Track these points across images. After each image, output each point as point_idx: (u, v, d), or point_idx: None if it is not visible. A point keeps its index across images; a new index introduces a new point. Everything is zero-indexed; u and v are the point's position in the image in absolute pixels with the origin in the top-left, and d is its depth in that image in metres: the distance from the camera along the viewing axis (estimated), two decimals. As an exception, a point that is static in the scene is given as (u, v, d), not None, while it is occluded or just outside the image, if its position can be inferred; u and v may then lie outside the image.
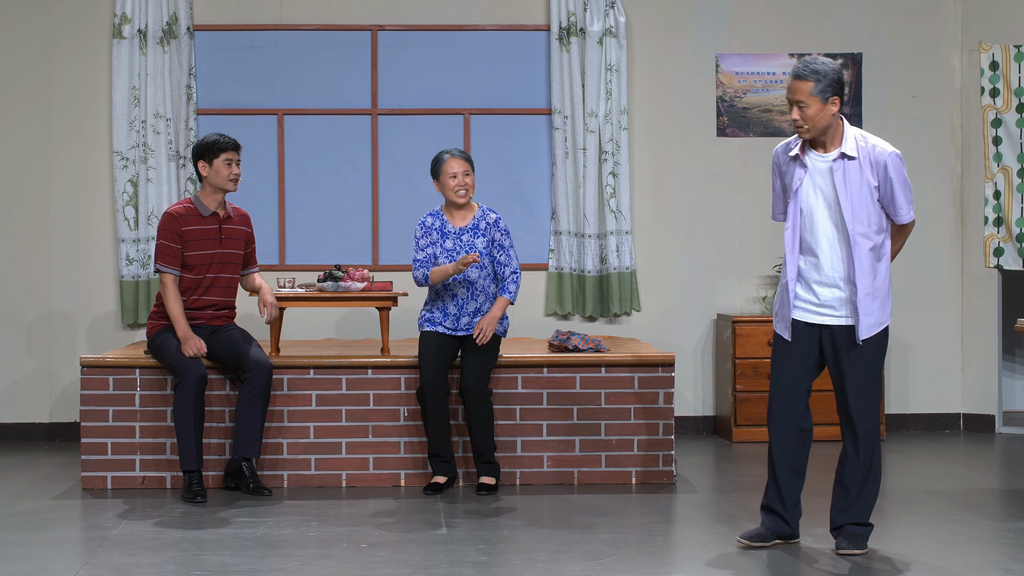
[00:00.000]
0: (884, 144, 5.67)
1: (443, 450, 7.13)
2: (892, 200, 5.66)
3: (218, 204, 7.21)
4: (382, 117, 9.08)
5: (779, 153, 5.82)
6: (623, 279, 8.98)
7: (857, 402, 5.68)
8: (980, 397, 9.17)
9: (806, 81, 5.57)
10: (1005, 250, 8.99)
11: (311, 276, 8.62)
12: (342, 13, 9.08)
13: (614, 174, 8.97)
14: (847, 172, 5.63)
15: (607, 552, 5.76)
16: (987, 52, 9.01)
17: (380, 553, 5.78)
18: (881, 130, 9.19)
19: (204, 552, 5.79)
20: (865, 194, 5.62)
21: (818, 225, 5.67)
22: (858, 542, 5.70)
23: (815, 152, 5.69)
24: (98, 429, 7.25)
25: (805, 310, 5.73)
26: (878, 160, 5.62)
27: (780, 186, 5.81)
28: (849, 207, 5.61)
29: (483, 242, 7.18)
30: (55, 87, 8.94)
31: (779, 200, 5.84)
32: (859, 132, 5.70)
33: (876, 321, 5.68)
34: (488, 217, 7.21)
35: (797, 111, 5.60)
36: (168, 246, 7.10)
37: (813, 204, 5.67)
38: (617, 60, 8.96)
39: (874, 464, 5.72)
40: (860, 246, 5.62)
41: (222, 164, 7.14)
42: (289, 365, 7.30)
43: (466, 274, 7.15)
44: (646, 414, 7.38)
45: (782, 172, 5.79)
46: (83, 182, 8.96)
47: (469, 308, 7.20)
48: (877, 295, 5.67)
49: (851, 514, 5.73)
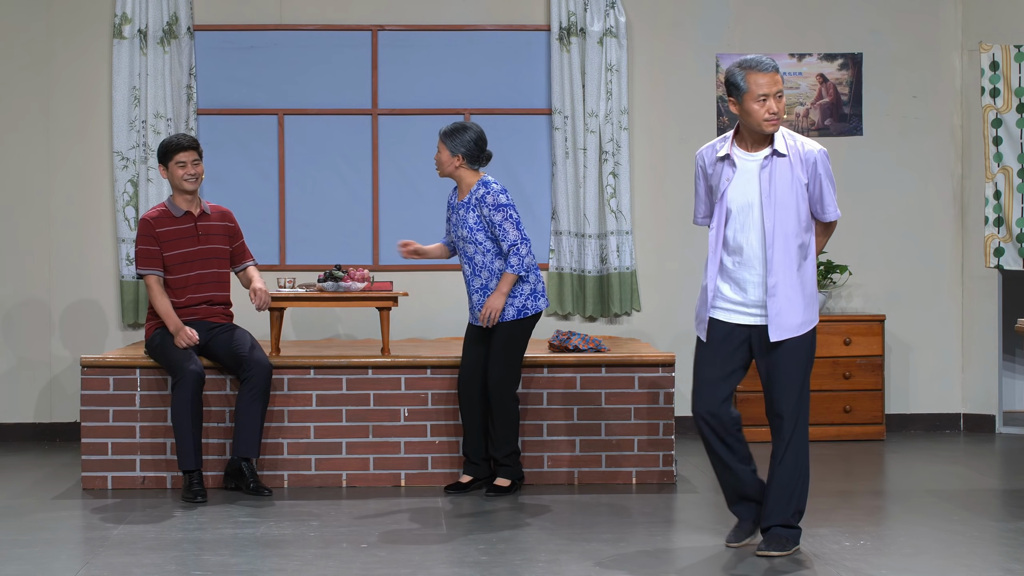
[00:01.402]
0: (811, 142, 5.68)
1: (469, 449, 7.09)
2: (820, 197, 5.65)
3: (189, 202, 7.27)
4: (382, 117, 9.08)
5: (704, 155, 5.75)
6: (623, 279, 8.98)
7: (787, 403, 5.63)
8: (980, 397, 9.17)
9: (779, 74, 5.60)
10: (1005, 250, 8.99)
11: (311, 276, 8.62)
12: (342, 13, 9.08)
13: (614, 174, 8.97)
14: (779, 170, 5.60)
15: (607, 552, 5.76)
16: (987, 52, 9.01)
17: (380, 553, 5.78)
18: (881, 130, 9.20)
19: (204, 552, 5.79)
20: (795, 192, 5.59)
21: (748, 224, 5.62)
22: (783, 544, 5.65)
23: (744, 152, 5.66)
24: (98, 429, 7.25)
25: (732, 311, 5.67)
26: (807, 157, 5.62)
27: (704, 188, 5.75)
28: (778, 205, 5.57)
29: (473, 217, 7.01)
30: (55, 87, 8.95)
31: (702, 203, 5.78)
32: (786, 131, 5.69)
33: (805, 320, 5.64)
34: (478, 192, 7.04)
35: (776, 102, 5.57)
36: (145, 249, 7.18)
37: (742, 204, 5.62)
38: (617, 60, 8.96)
39: (801, 466, 5.67)
40: (790, 245, 5.59)
41: (176, 167, 7.21)
42: (289, 365, 7.30)
43: (463, 251, 7.07)
44: (646, 414, 7.38)
45: (707, 174, 5.73)
46: (83, 182, 8.96)
47: (475, 285, 7.06)
48: (805, 293, 5.64)
49: (776, 515, 5.69)
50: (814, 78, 9.17)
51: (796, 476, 5.67)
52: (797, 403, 5.64)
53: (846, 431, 8.75)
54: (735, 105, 5.63)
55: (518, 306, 7.00)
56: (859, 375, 8.77)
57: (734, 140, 5.70)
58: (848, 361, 8.77)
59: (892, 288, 9.21)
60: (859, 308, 9.20)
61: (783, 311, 5.59)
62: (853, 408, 8.75)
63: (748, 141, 5.67)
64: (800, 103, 9.17)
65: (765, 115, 5.58)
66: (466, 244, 7.04)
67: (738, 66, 5.62)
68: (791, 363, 5.63)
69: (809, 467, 5.72)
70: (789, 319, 5.60)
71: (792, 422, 5.64)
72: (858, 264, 9.16)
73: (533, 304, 7.02)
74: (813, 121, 9.18)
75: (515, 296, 7.00)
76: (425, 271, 8.98)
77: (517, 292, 7.01)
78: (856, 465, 8.00)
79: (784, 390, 5.63)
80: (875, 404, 8.77)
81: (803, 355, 5.66)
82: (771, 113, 5.57)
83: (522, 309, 7.00)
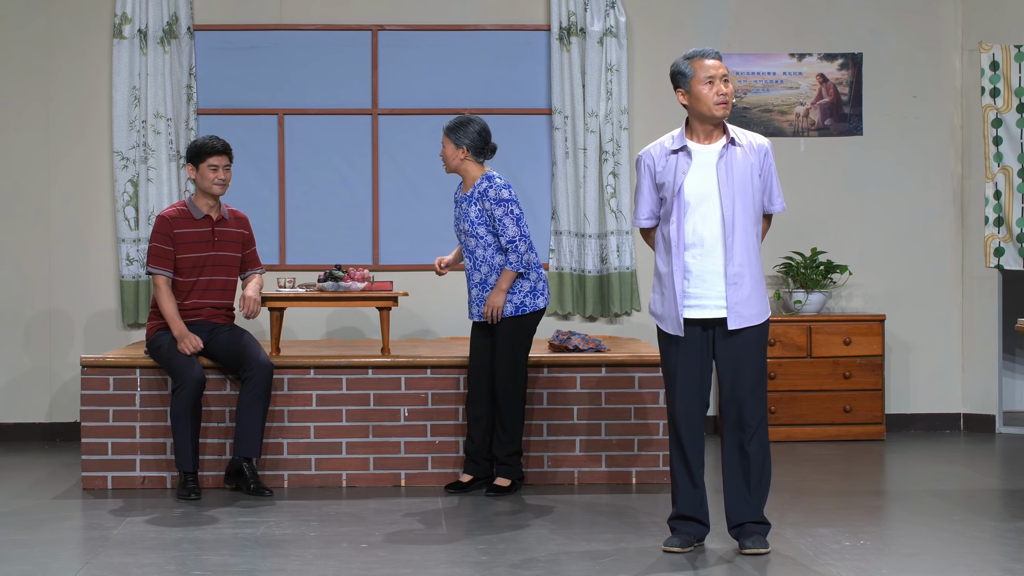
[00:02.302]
0: (755, 134, 5.72)
1: (472, 448, 7.08)
2: (770, 188, 5.69)
3: (210, 207, 7.23)
4: (382, 117, 9.08)
5: (651, 153, 5.72)
6: (623, 279, 8.98)
7: (753, 396, 5.63)
8: (980, 397, 9.17)
9: (722, 62, 5.62)
10: (1005, 250, 8.99)
11: (311, 276, 8.62)
12: (342, 13, 9.08)
13: (614, 174, 8.97)
14: (735, 159, 5.62)
15: (607, 552, 5.76)
16: (987, 52, 9.01)
17: (380, 553, 5.78)
18: (881, 130, 9.20)
19: (204, 552, 5.79)
20: (751, 181, 5.61)
21: (707, 216, 5.60)
22: (764, 541, 5.68)
23: (699, 144, 5.66)
24: (98, 429, 7.25)
25: (695, 307, 5.64)
26: (759, 148, 5.67)
27: (650, 187, 5.72)
28: (736, 195, 5.58)
29: (475, 211, 6.99)
30: (55, 87, 8.95)
31: (647, 203, 5.74)
32: (731, 125, 5.71)
33: (762, 310, 5.66)
34: (481, 186, 7.02)
35: (724, 85, 5.58)
36: (160, 248, 7.13)
37: (701, 195, 5.61)
38: (617, 60, 8.96)
39: (767, 460, 5.68)
40: (748, 235, 5.61)
41: (207, 169, 7.17)
42: (289, 365, 7.30)
43: (465, 244, 7.07)
44: (646, 414, 7.38)
45: (655, 172, 5.70)
46: (83, 182, 8.96)
47: (475, 279, 7.04)
48: (759, 283, 5.66)
49: (748, 512, 5.69)
50: (814, 78, 9.17)
51: (764, 471, 5.69)
52: (761, 395, 5.66)
53: (846, 431, 8.75)
54: (684, 95, 5.64)
55: (516, 303, 6.99)
56: (859, 375, 8.77)
57: (685, 134, 5.70)
58: (848, 361, 8.77)
59: (892, 288, 9.21)
60: (859, 308, 9.20)
61: (743, 300, 5.60)
62: (853, 408, 8.76)
63: (700, 133, 5.67)
64: (800, 103, 9.17)
65: (715, 97, 5.58)
66: (468, 238, 7.03)
67: (682, 57, 5.68)
68: (752, 352, 5.64)
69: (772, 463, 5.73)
70: (748, 308, 5.62)
71: (757, 416, 5.64)
72: (858, 264, 9.16)
73: (532, 302, 7.01)
74: (813, 121, 9.17)
75: (514, 293, 6.99)
76: (425, 271, 8.98)
77: (516, 289, 7.00)
78: (856, 465, 8.00)
79: (750, 382, 5.63)
80: (875, 404, 8.77)
81: (762, 345, 5.68)
82: (720, 95, 5.57)
83: (520, 306, 6.99)
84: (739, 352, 5.64)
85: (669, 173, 5.66)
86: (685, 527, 5.78)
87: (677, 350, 5.69)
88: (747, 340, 5.64)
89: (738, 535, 5.73)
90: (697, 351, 5.67)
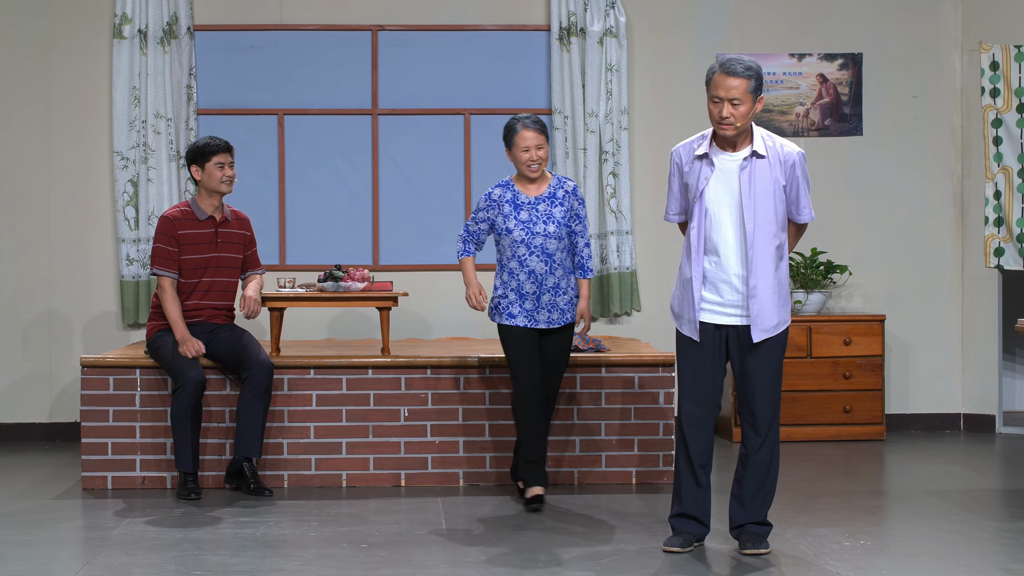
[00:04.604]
0: (790, 143, 5.68)
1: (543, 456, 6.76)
2: (797, 199, 5.67)
3: (214, 207, 7.22)
4: (382, 117, 9.08)
5: (681, 153, 5.72)
6: (623, 279, 8.98)
7: (763, 402, 5.65)
8: (980, 397, 9.17)
9: (742, 79, 5.51)
10: (1005, 250, 8.99)
11: (311, 276, 8.62)
12: (342, 13, 9.08)
13: (614, 174, 8.97)
14: (757, 171, 5.59)
15: (607, 552, 5.76)
16: (987, 52, 9.01)
17: (380, 553, 5.78)
18: (881, 130, 9.20)
19: (204, 552, 5.79)
20: (772, 193, 5.59)
21: (724, 225, 5.61)
22: (764, 542, 5.70)
23: (724, 152, 5.64)
24: (98, 429, 7.25)
25: (710, 311, 5.66)
26: (787, 159, 5.62)
27: (679, 186, 5.73)
28: (758, 206, 5.57)
29: (561, 211, 6.69)
30: (55, 87, 8.94)
31: (675, 200, 5.76)
32: (764, 132, 5.68)
33: (780, 320, 5.66)
34: (566, 185, 6.73)
35: (729, 108, 5.51)
36: (164, 249, 7.11)
37: (720, 204, 5.61)
38: (617, 60, 8.96)
39: (773, 463, 5.71)
40: (767, 245, 5.59)
41: (214, 167, 7.15)
42: (289, 365, 7.30)
43: (543, 247, 6.66)
44: (646, 414, 7.38)
45: (683, 172, 5.71)
46: (83, 182, 8.96)
47: (548, 284, 6.69)
48: (780, 294, 5.66)
49: (751, 513, 5.72)
50: (814, 78, 9.17)
51: (770, 474, 5.71)
52: (772, 402, 5.68)
53: (846, 431, 8.75)
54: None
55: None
56: (859, 375, 8.77)
57: (712, 139, 5.68)
58: (848, 361, 8.77)
59: (892, 288, 9.21)
60: (859, 308, 9.20)
61: (763, 312, 5.61)
62: (853, 408, 8.75)
63: (725, 141, 5.65)
64: (800, 103, 9.17)
65: (716, 118, 5.57)
66: (547, 240, 6.67)
67: (716, 62, 5.63)
68: (768, 363, 5.66)
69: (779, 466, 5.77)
70: (768, 320, 5.63)
71: (767, 421, 5.67)
72: (858, 264, 9.16)
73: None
74: (813, 121, 9.18)
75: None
76: (425, 271, 8.98)
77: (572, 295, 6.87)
78: (856, 465, 8.00)
79: (761, 389, 5.66)
80: (875, 404, 8.77)
81: (778, 354, 5.69)
82: (720, 117, 5.54)
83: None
84: (754, 360, 5.66)
85: (693, 176, 5.68)
86: (686, 526, 5.78)
87: (690, 350, 5.73)
88: (764, 349, 5.66)
89: (739, 535, 5.74)
90: (709, 353, 5.69)
